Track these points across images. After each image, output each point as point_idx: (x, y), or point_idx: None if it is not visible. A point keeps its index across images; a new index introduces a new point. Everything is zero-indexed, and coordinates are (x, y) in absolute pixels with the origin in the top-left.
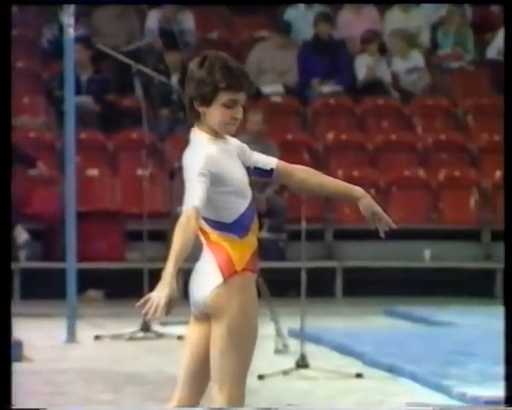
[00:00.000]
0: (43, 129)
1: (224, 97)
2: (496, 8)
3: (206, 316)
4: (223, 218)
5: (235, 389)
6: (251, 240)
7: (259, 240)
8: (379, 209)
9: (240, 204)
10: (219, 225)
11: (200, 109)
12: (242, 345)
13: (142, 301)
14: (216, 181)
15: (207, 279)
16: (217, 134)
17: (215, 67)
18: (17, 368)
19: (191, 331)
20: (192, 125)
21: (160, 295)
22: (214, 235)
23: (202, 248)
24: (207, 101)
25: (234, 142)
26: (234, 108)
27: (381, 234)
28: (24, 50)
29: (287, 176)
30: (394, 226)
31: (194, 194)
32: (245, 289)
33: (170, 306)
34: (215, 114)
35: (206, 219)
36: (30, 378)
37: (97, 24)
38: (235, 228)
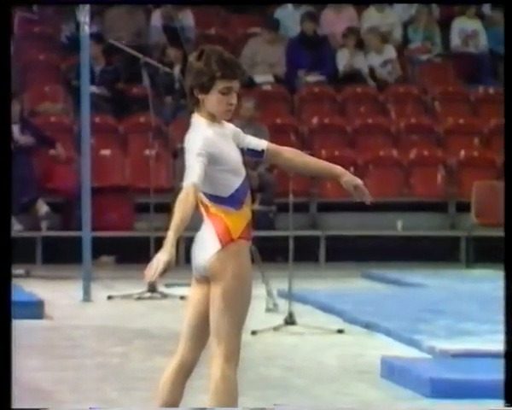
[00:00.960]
0: (61, 114)
1: (220, 85)
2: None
3: (206, 279)
4: (220, 192)
5: (231, 343)
6: (245, 212)
7: (252, 212)
8: (359, 182)
9: (235, 181)
10: (217, 199)
11: (200, 97)
12: (237, 304)
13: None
14: (213, 160)
15: (207, 246)
16: (214, 119)
17: (211, 59)
18: (39, 324)
19: (193, 293)
20: (192, 112)
21: (159, 260)
22: (213, 208)
23: (203, 219)
24: (205, 89)
25: (229, 126)
26: (229, 95)
27: (367, 202)
28: (45, 45)
29: (275, 156)
30: (370, 199)
31: (194, 171)
32: (240, 255)
33: (167, 269)
34: (213, 100)
35: (206, 194)
36: (50, 333)
37: (109, 22)
38: (231, 201)
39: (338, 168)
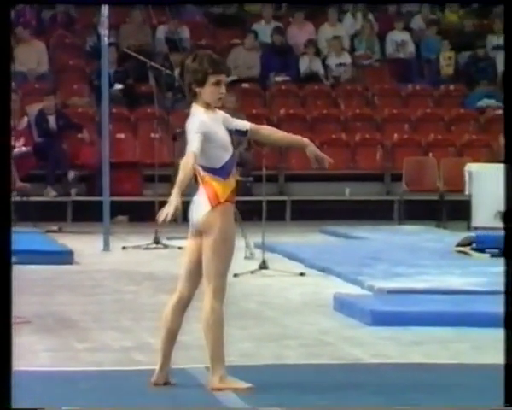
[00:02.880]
0: (86, 106)
1: (212, 79)
2: (393, 16)
3: (199, 233)
4: (213, 164)
5: (218, 282)
6: (231, 181)
7: (237, 182)
8: (319, 153)
9: (224, 156)
10: (210, 170)
11: (197, 90)
12: (222, 251)
13: (159, 214)
14: (207, 139)
15: (201, 207)
16: (209, 107)
17: (204, 60)
18: (69, 269)
19: (189, 244)
20: (191, 103)
21: (169, 207)
22: (206, 177)
23: (198, 187)
24: (201, 83)
25: (220, 113)
26: (219, 86)
27: (326, 167)
28: (74, 53)
29: (256, 134)
30: (330, 162)
31: (193, 145)
32: (225, 214)
33: (175, 214)
34: (207, 91)
35: (202, 166)
36: (78, 276)
37: (123, 34)
38: (220, 172)
39: (305, 140)
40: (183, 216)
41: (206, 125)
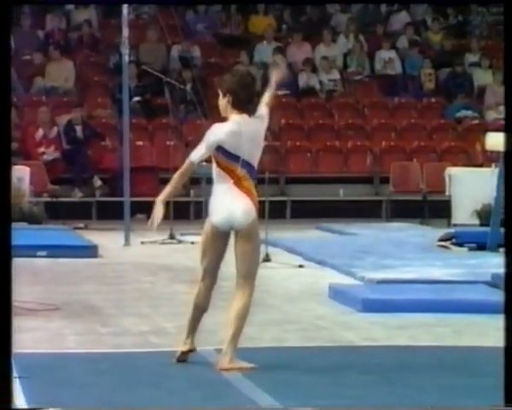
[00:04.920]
0: (109, 118)
1: None
2: (381, 36)
3: (226, 234)
4: (255, 162)
5: (254, 283)
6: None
7: None
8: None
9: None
10: (253, 171)
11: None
12: (259, 255)
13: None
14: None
15: (247, 211)
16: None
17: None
18: (94, 262)
19: (211, 244)
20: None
21: (154, 216)
22: (246, 181)
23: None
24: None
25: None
26: None
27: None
28: (98, 70)
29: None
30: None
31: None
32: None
33: (158, 221)
34: None
35: (250, 165)
36: (102, 268)
37: (142, 53)
38: (254, 173)
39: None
40: (194, 214)
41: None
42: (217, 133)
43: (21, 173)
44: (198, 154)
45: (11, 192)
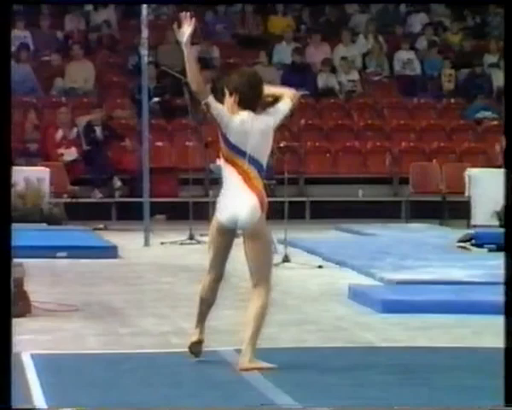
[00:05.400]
0: (129, 118)
1: None
2: (400, 38)
3: (232, 231)
4: (264, 160)
5: (270, 282)
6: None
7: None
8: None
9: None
10: (259, 165)
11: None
12: (270, 254)
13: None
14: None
15: (253, 210)
16: None
17: None
18: (113, 262)
19: (217, 239)
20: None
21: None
22: (255, 178)
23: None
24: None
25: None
26: None
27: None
28: (117, 71)
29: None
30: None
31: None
32: (266, 219)
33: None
34: None
35: (258, 162)
36: (121, 268)
37: (161, 54)
38: (263, 171)
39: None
40: (213, 213)
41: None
42: (229, 115)
43: (41, 174)
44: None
45: (11, 193)
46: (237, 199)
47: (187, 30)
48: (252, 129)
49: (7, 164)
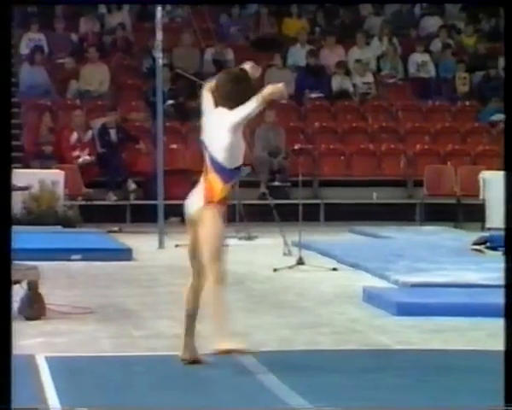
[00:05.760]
0: (143, 121)
1: None
2: (415, 40)
3: (193, 223)
4: (227, 162)
5: (213, 268)
6: (228, 187)
7: (274, 187)
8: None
9: (239, 161)
10: (220, 167)
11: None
12: (212, 244)
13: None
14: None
15: (196, 201)
16: None
17: None
18: (128, 265)
19: (189, 234)
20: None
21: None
22: (211, 173)
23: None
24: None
25: None
26: None
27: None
28: (132, 73)
29: None
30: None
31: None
32: (213, 214)
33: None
34: None
35: (214, 160)
36: (136, 271)
37: (176, 56)
38: (226, 175)
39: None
40: (228, 217)
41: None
42: (205, 109)
43: (56, 177)
44: None
45: (11, 195)
46: (192, 192)
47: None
48: (211, 123)
49: (7, 165)
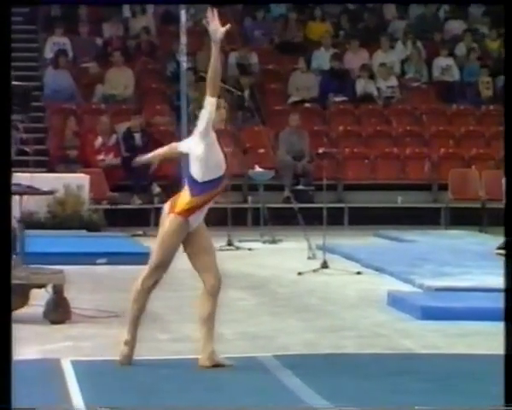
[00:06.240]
0: (167, 125)
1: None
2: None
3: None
4: (197, 176)
5: (153, 272)
6: (197, 201)
7: (298, 191)
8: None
9: (209, 176)
10: (191, 178)
11: None
12: (160, 249)
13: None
14: (210, 148)
15: (165, 207)
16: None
17: None
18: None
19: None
20: None
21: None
22: (185, 186)
23: None
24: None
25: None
26: (221, 109)
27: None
28: (156, 78)
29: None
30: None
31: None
32: (171, 223)
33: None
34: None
35: (189, 174)
36: None
37: (199, 60)
38: (195, 187)
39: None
40: (252, 220)
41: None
42: None
43: (81, 181)
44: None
45: (10, 197)
46: None
47: (218, 27)
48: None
49: (7, 167)
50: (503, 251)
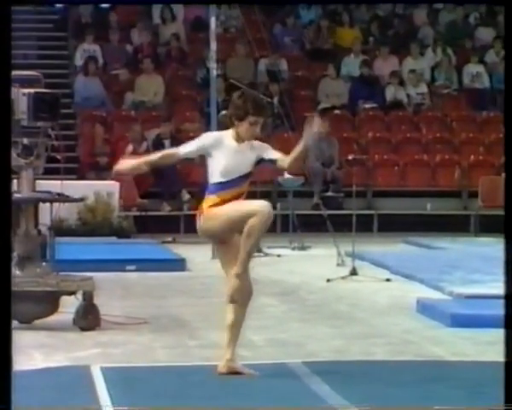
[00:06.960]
0: (197, 131)
1: (250, 118)
2: (470, 50)
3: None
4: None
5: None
6: (214, 199)
7: (324, 198)
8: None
9: (219, 179)
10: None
11: (236, 123)
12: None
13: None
14: (207, 154)
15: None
16: (239, 139)
17: (248, 100)
18: (182, 275)
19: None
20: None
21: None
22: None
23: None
24: (240, 118)
25: (255, 143)
26: (255, 126)
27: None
28: (186, 84)
29: (280, 164)
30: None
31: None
32: (206, 217)
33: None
34: (244, 127)
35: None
36: (190, 281)
37: (230, 67)
38: (209, 188)
39: (301, 144)
40: (281, 227)
41: (211, 142)
42: None
43: (111, 188)
44: None
45: (11, 202)
46: None
47: (313, 133)
48: None
49: (7, 170)
50: None
